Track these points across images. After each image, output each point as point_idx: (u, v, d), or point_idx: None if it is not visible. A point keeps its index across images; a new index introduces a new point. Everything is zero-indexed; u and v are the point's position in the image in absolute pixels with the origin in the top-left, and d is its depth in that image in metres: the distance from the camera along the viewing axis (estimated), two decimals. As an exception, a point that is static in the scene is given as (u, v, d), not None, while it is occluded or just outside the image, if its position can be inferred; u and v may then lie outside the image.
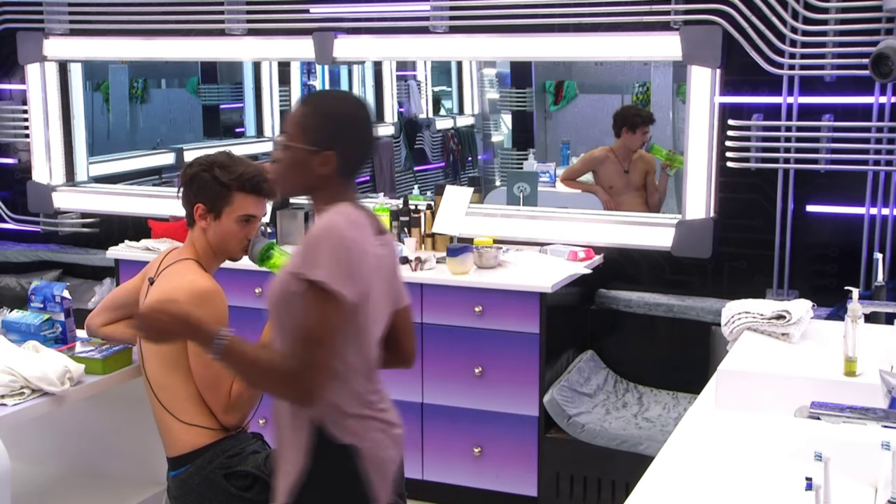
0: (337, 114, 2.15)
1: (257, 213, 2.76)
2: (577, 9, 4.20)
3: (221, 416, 2.67)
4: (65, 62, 5.32)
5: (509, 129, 7.44)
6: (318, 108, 2.18)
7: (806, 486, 1.52)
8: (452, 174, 8.34)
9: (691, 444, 2.11)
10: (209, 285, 2.64)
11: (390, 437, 2.20)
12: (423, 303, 3.93)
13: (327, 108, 2.17)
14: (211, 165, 2.73)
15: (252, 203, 2.74)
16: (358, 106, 2.20)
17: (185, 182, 2.77)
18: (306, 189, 2.20)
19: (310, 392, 2.00)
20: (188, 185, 2.76)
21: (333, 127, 2.13)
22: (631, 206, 5.12)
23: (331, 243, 2.01)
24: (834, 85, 3.93)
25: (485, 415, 3.90)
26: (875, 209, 3.93)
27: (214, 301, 2.63)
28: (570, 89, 7.47)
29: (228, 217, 2.71)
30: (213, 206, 2.71)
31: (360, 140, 2.17)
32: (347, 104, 2.21)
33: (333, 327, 2.00)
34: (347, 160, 2.14)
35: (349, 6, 4.63)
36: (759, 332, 2.72)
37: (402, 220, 4.44)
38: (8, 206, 5.56)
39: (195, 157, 2.87)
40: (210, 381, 2.63)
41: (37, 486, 3.03)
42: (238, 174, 2.71)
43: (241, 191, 2.71)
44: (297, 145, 2.12)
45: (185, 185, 2.77)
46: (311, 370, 1.98)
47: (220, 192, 2.70)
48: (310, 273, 1.98)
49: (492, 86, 7.79)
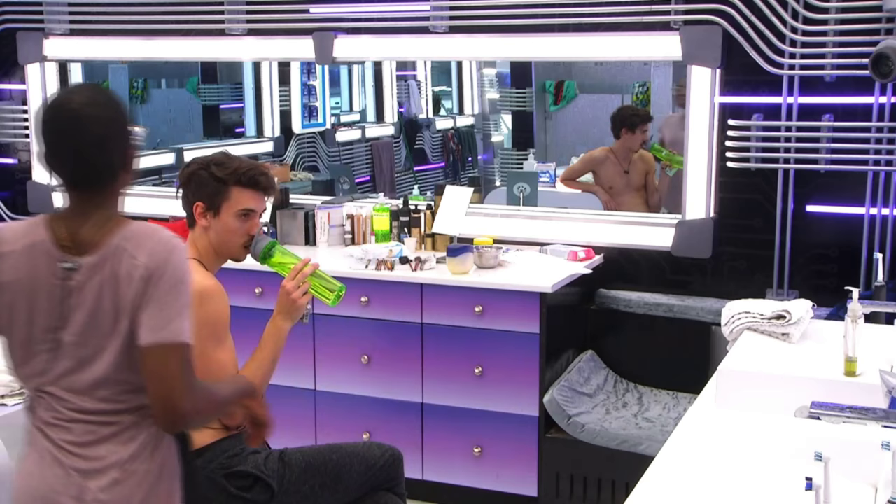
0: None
1: (256, 207, 2.75)
2: (577, 9, 4.20)
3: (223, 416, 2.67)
4: (65, 62, 5.32)
5: (509, 129, 7.44)
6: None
7: (806, 486, 1.52)
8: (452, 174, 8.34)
9: (691, 444, 2.11)
10: (211, 284, 2.64)
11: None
12: (423, 303, 3.93)
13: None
14: (208, 164, 2.74)
15: (249, 197, 2.73)
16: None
17: (184, 182, 2.77)
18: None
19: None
20: (186, 184, 2.76)
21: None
22: (631, 206, 5.13)
23: None
24: (834, 85, 3.93)
25: (485, 415, 3.90)
26: (875, 209, 3.93)
27: (216, 300, 2.63)
28: (570, 89, 7.47)
29: (227, 213, 2.71)
30: (212, 203, 2.71)
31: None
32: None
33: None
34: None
35: (349, 6, 4.63)
36: (759, 332, 2.72)
37: (402, 220, 4.44)
38: (8, 206, 5.56)
39: (194, 157, 2.88)
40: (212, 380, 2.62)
41: (37, 486, 3.02)
42: (233, 169, 2.72)
43: (237, 185, 2.71)
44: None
45: (183, 185, 2.78)
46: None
47: (218, 188, 2.71)
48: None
49: (492, 86, 7.79)
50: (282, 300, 2.72)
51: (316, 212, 4.53)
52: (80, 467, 1.97)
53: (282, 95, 7.21)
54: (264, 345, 2.69)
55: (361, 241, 4.47)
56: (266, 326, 2.72)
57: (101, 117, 1.96)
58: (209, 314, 2.59)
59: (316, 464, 2.77)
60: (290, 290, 2.70)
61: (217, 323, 2.62)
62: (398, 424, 4.02)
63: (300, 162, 7.26)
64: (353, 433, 4.07)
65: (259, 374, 2.64)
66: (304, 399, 4.16)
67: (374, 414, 4.06)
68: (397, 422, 4.02)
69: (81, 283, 1.94)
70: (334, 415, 4.13)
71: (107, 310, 1.93)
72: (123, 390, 1.97)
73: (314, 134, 7.46)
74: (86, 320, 1.94)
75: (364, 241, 4.46)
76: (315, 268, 2.75)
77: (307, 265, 2.74)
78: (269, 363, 2.68)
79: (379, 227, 4.42)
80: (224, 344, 2.65)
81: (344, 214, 4.54)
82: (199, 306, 2.57)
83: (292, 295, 2.70)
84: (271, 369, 2.69)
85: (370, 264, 4.02)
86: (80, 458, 1.97)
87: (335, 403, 4.13)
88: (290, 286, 2.71)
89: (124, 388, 1.97)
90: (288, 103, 7.27)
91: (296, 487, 2.72)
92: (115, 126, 1.99)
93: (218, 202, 2.71)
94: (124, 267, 1.92)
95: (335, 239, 4.51)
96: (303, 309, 2.74)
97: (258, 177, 2.74)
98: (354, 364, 4.06)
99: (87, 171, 1.97)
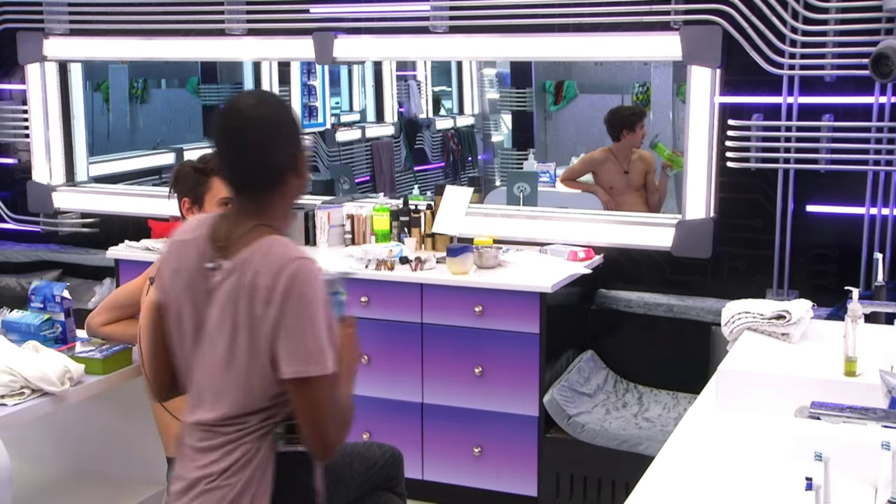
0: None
1: None
2: (577, 9, 4.20)
3: None
4: (65, 62, 5.32)
5: (509, 129, 7.45)
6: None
7: (806, 486, 1.52)
8: (452, 174, 8.34)
9: (691, 444, 2.11)
10: None
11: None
12: (423, 303, 3.93)
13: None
14: (190, 161, 2.82)
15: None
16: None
17: (171, 183, 2.84)
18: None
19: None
20: (174, 184, 2.82)
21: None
22: (631, 207, 5.13)
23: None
24: (834, 85, 3.93)
25: (485, 415, 3.90)
26: (875, 209, 3.93)
27: None
28: (570, 89, 7.48)
29: (210, 203, 2.74)
30: (196, 197, 2.76)
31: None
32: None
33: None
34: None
35: (349, 6, 4.63)
36: (759, 332, 2.72)
37: (402, 220, 4.44)
38: (8, 206, 5.56)
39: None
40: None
41: (37, 486, 3.03)
42: (211, 159, 2.74)
43: (217, 174, 2.73)
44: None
45: (171, 185, 2.82)
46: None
47: (199, 179, 2.76)
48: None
49: (492, 86, 7.79)
50: None
51: (316, 212, 4.52)
52: (187, 475, 2.00)
53: (282, 95, 7.20)
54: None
55: (361, 241, 4.47)
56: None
57: (265, 121, 1.97)
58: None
59: (316, 464, 2.76)
60: None
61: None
62: (398, 424, 4.02)
63: (300, 162, 7.25)
64: (354, 433, 4.04)
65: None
66: (304, 399, 4.15)
67: (374, 414, 4.06)
68: (397, 422, 4.02)
69: (217, 284, 1.96)
70: (334, 415, 4.13)
71: (236, 321, 1.93)
72: (240, 406, 1.96)
73: (314, 134, 7.46)
74: (217, 323, 1.95)
75: (364, 241, 4.46)
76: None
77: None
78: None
79: (379, 227, 4.42)
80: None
81: (344, 214, 4.54)
82: None
83: None
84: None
85: (370, 264, 4.02)
86: (190, 463, 1.99)
87: (335, 403, 4.12)
88: None
89: (241, 405, 1.96)
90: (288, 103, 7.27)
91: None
92: (280, 130, 1.99)
93: (201, 193, 2.75)
94: (248, 279, 1.92)
95: (335, 239, 4.51)
96: None
97: None
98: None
99: (248, 173, 1.98)
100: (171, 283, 2.05)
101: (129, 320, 2.93)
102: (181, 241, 2.05)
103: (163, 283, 2.07)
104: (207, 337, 1.99)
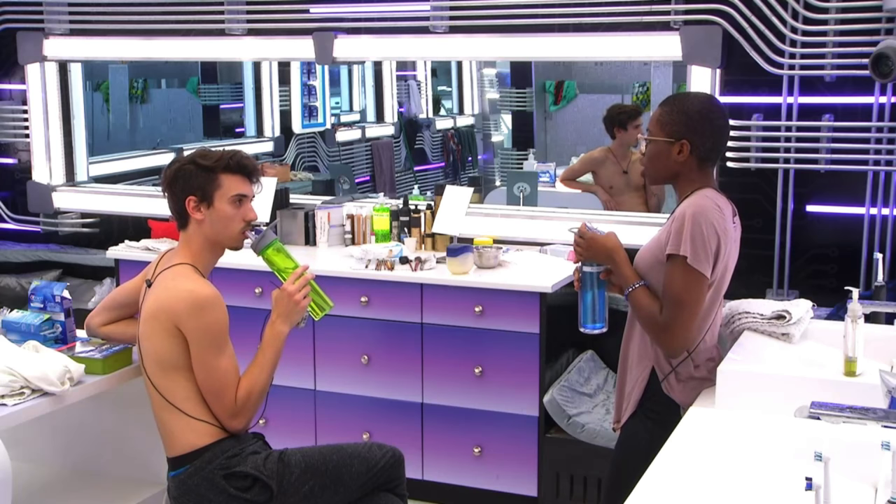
0: (688, 109, 2.52)
1: (247, 192, 2.76)
2: (577, 9, 4.20)
3: (227, 422, 2.66)
4: (65, 62, 5.32)
5: (509, 129, 7.45)
6: (673, 106, 2.55)
7: (806, 486, 1.52)
8: (452, 174, 8.35)
9: (691, 444, 2.11)
10: (209, 293, 2.64)
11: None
12: (423, 303, 3.93)
13: (680, 106, 2.54)
14: (191, 159, 2.76)
15: (240, 182, 2.74)
16: (708, 101, 2.59)
17: (169, 182, 2.76)
18: (669, 176, 2.60)
19: (670, 344, 2.51)
20: (172, 184, 2.76)
21: (685, 120, 2.51)
22: (631, 206, 5.13)
23: (698, 227, 2.44)
24: (834, 85, 3.93)
25: (485, 415, 3.90)
26: (875, 209, 3.93)
27: (215, 308, 2.63)
28: (570, 89, 7.48)
29: (221, 200, 2.72)
30: (205, 194, 2.72)
31: (711, 129, 2.52)
32: (698, 100, 2.58)
33: (694, 296, 2.47)
34: (701, 147, 2.52)
35: (349, 6, 4.63)
36: (759, 333, 2.72)
37: (402, 220, 4.44)
38: (8, 206, 5.56)
39: (174, 158, 2.89)
40: (216, 388, 2.63)
41: (37, 486, 3.03)
42: (218, 157, 2.74)
43: (225, 172, 2.72)
44: (656, 139, 2.55)
45: (169, 185, 2.77)
46: (672, 328, 2.49)
47: (207, 177, 2.71)
48: (677, 248, 2.46)
49: (492, 86, 7.79)
50: (282, 303, 2.73)
51: (316, 212, 4.52)
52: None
53: (282, 95, 7.21)
54: (265, 349, 2.71)
55: (361, 241, 4.47)
56: (265, 331, 2.73)
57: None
58: (209, 324, 2.60)
59: (316, 464, 2.76)
60: (293, 292, 2.72)
61: (218, 332, 2.62)
62: (398, 424, 4.02)
63: (300, 162, 7.27)
64: (354, 433, 4.07)
65: (261, 377, 2.68)
66: (304, 399, 4.16)
67: (374, 414, 4.06)
68: (397, 422, 4.02)
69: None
70: (334, 415, 4.13)
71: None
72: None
73: (314, 134, 7.47)
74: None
75: (364, 241, 4.46)
76: (313, 276, 2.79)
77: (306, 272, 2.77)
78: (271, 367, 2.71)
79: (379, 227, 4.42)
80: (225, 351, 2.65)
81: (344, 214, 4.54)
82: (199, 317, 2.59)
83: (295, 297, 2.71)
84: (272, 373, 2.73)
85: (370, 264, 4.02)
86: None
87: (335, 403, 4.13)
88: (293, 288, 2.72)
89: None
90: (288, 103, 7.28)
91: (295, 488, 2.71)
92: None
93: (210, 191, 2.71)
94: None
95: (335, 239, 4.51)
96: (303, 311, 2.75)
97: (243, 161, 2.76)
98: (354, 364, 4.06)
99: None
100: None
101: (129, 320, 2.93)
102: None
103: (723, 264, 2.54)
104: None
